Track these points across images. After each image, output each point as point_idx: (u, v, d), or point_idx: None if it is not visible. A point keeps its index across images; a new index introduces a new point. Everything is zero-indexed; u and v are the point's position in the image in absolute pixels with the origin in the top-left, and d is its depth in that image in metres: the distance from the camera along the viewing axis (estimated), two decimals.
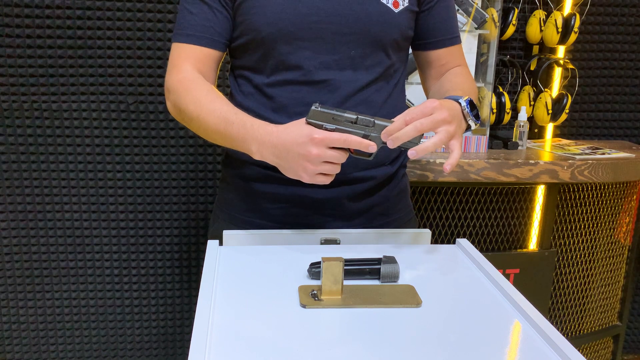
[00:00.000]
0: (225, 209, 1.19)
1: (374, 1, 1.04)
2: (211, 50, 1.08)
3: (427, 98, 1.21)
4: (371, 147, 0.90)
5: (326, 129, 0.90)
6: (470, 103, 0.99)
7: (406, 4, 1.07)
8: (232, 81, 1.15)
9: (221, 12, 1.06)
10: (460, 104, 0.98)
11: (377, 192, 1.14)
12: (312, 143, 0.89)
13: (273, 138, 0.93)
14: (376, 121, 0.91)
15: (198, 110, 1.02)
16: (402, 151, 1.17)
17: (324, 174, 0.92)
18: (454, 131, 0.93)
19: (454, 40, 1.18)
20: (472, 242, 1.95)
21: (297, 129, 0.91)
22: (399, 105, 1.15)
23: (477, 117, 1.00)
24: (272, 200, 1.12)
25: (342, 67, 1.05)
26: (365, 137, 0.91)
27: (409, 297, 0.82)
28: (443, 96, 1.07)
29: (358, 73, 1.06)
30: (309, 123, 0.91)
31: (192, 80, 1.05)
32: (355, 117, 0.91)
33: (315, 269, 0.88)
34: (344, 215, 1.12)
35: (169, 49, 1.85)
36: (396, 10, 1.06)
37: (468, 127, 1.01)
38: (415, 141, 0.91)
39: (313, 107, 0.91)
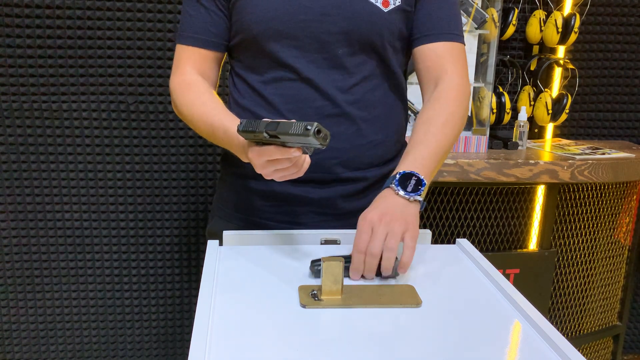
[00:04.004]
0: (221, 206, 1.20)
1: (362, 0, 1.03)
2: (209, 51, 1.10)
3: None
4: (294, 152, 0.83)
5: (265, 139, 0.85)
6: (401, 178, 0.93)
7: (397, 3, 1.06)
8: (230, 80, 1.16)
9: (216, 14, 1.07)
10: (389, 187, 0.93)
11: (371, 192, 1.14)
12: (253, 159, 0.88)
13: (240, 147, 0.94)
14: (279, 124, 0.82)
15: (191, 113, 1.06)
16: (397, 152, 1.17)
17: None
18: (398, 228, 0.87)
19: (440, 37, 1.08)
20: (472, 242, 1.95)
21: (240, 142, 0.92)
22: (396, 107, 1.14)
23: (416, 188, 0.93)
24: (267, 199, 1.13)
25: (331, 65, 1.05)
26: (283, 144, 0.84)
27: (409, 297, 0.82)
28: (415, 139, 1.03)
29: (347, 72, 1.06)
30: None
31: (188, 84, 1.08)
32: (267, 135, 0.83)
33: (317, 267, 0.88)
34: (339, 215, 1.13)
35: (169, 49, 1.86)
36: (385, 10, 1.05)
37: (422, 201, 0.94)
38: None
39: (238, 127, 0.87)
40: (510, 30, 1.98)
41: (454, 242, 1.05)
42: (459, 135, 1.07)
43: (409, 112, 1.89)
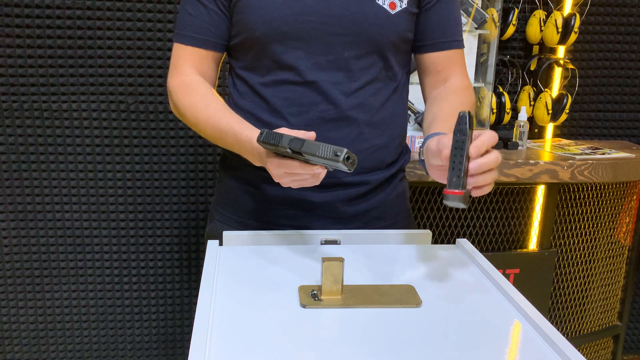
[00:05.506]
0: (220, 210, 1.19)
1: (369, 2, 1.02)
2: (209, 52, 1.09)
3: (425, 104, 1.19)
4: (317, 170, 0.84)
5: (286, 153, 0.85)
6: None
7: (404, 6, 1.05)
8: (230, 81, 1.15)
9: (217, 14, 1.06)
10: None
11: (372, 196, 1.14)
12: (272, 169, 0.90)
13: (255, 153, 0.94)
14: (304, 143, 0.81)
15: (195, 116, 1.04)
16: (399, 156, 1.17)
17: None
18: None
19: (452, 44, 1.12)
20: (472, 242, 1.95)
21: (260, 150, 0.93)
22: (398, 111, 1.13)
23: None
24: (267, 202, 1.12)
25: (336, 68, 1.04)
26: (305, 160, 0.84)
27: (409, 297, 0.82)
28: (444, 116, 1.05)
29: (352, 75, 1.05)
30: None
31: (189, 85, 1.07)
32: (290, 151, 0.83)
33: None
34: (340, 218, 1.12)
35: (169, 49, 1.86)
36: (393, 12, 1.04)
37: None
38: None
39: (258, 137, 0.87)
40: (510, 30, 1.98)
41: (454, 242, 1.05)
42: None
43: (409, 112, 1.89)
